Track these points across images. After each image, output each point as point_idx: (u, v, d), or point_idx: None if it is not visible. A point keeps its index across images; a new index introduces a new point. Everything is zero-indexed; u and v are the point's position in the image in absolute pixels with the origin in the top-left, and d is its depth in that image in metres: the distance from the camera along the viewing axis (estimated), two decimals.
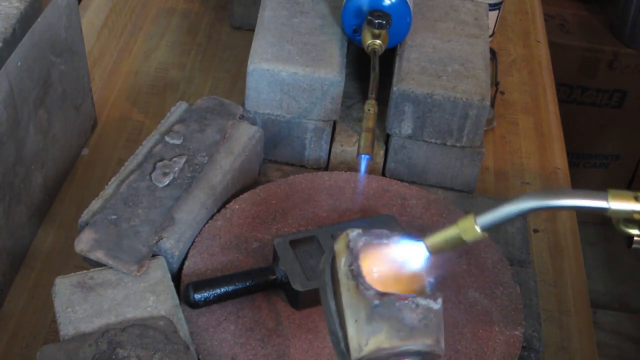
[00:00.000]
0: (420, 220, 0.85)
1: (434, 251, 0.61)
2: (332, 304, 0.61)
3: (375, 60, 0.90)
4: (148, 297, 0.72)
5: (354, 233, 0.62)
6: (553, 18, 1.87)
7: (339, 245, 0.62)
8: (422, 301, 0.58)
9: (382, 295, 0.58)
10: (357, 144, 0.92)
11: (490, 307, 0.77)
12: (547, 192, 0.59)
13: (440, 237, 0.61)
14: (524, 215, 0.58)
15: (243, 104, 0.93)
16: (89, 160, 1.04)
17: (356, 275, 0.59)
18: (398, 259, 0.62)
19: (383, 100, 0.92)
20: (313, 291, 0.75)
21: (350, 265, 0.60)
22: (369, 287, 0.58)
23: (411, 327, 0.58)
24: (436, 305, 0.59)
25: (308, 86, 0.91)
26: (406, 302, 0.58)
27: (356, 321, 0.58)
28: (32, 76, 0.87)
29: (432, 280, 0.61)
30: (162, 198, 0.80)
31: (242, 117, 0.92)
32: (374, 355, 0.58)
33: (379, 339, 0.58)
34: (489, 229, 0.59)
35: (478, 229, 0.59)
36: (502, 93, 1.20)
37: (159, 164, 0.83)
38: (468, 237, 0.60)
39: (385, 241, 0.62)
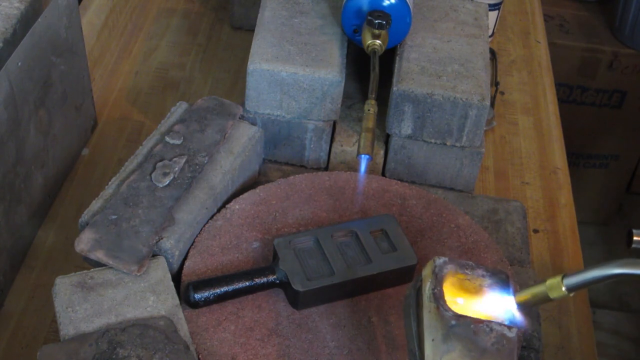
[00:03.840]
0: (420, 220, 0.85)
1: (522, 305, 0.65)
2: (413, 325, 0.65)
3: (375, 60, 0.90)
4: (148, 297, 0.73)
5: (440, 260, 0.65)
6: (553, 18, 1.87)
7: (426, 271, 0.65)
8: (497, 327, 0.62)
9: (459, 316, 0.62)
10: (357, 144, 0.92)
11: None
12: (637, 262, 0.61)
13: (528, 293, 0.64)
14: (609, 279, 0.62)
15: (243, 104, 0.94)
16: (89, 160, 1.04)
17: (438, 298, 0.63)
18: (481, 290, 0.66)
19: (383, 100, 0.92)
20: (313, 291, 0.75)
21: (433, 289, 0.63)
22: (448, 309, 0.62)
23: (483, 349, 0.61)
24: (510, 333, 0.62)
25: (308, 86, 0.91)
26: (481, 325, 0.61)
27: (433, 340, 0.62)
28: (32, 76, 0.87)
29: (514, 315, 0.64)
30: (162, 198, 0.80)
31: (242, 117, 0.92)
32: None
33: (452, 356, 0.61)
34: (575, 289, 0.63)
35: (564, 289, 0.63)
36: (502, 93, 1.20)
37: (159, 164, 0.83)
38: (554, 294, 0.63)
39: (472, 276, 0.66)
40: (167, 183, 0.81)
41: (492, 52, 1.24)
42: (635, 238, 0.76)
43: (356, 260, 0.78)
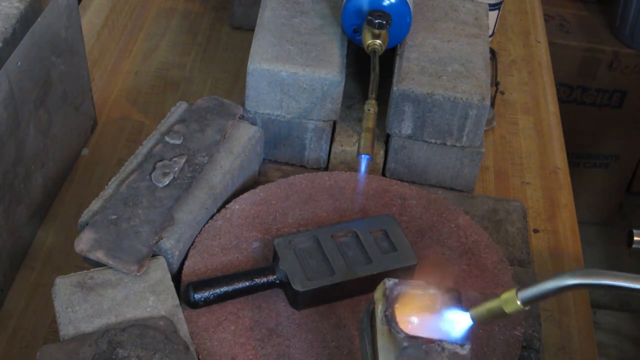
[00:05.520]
0: (420, 220, 0.85)
1: (477, 320, 0.65)
2: (368, 347, 0.66)
3: (375, 60, 0.90)
4: (148, 297, 0.73)
5: (390, 282, 0.66)
6: (553, 18, 1.87)
7: (377, 294, 0.66)
8: (449, 346, 0.62)
9: (410, 337, 0.62)
10: (357, 144, 0.92)
11: None
12: (589, 272, 0.61)
13: (483, 308, 0.65)
14: (563, 291, 0.61)
15: (243, 104, 0.93)
16: (89, 160, 1.04)
17: (389, 320, 0.63)
18: (434, 309, 0.66)
19: (383, 100, 0.92)
20: (313, 291, 0.75)
21: (385, 311, 0.64)
22: (399, 331, 0.62)
23: None
24: (463, 351, 0.62)
25: (308, 86, 0.91)
26: (433, 345, 0.62)
27: None
28: (32, 76, 0.87)
29: (466, 329, 0.64)
30: (162, 198, 0.80)
31: (242, 117, 0.92)
32: None
33: None
34: (530, 302, 0.63)
35: (519, 302, 0.63)
36: (502, 93, 1.20)
37: (159, 164, 0.83)
38: (509, 309, 0.63)
39: (424, 296, 0.66)
40: (167, 183, 0.81)
41: (492, 52, 1.24)
42: (635, 238, 0.76)
43: (356, 260, 0.78)
